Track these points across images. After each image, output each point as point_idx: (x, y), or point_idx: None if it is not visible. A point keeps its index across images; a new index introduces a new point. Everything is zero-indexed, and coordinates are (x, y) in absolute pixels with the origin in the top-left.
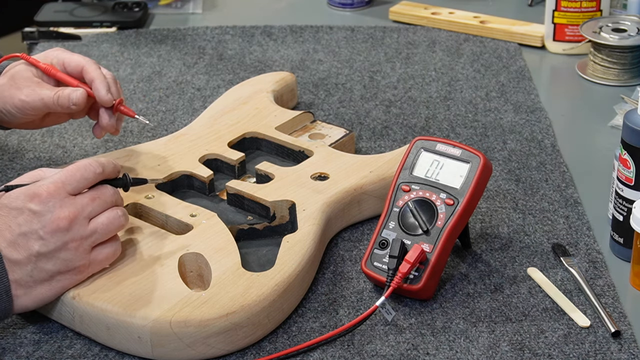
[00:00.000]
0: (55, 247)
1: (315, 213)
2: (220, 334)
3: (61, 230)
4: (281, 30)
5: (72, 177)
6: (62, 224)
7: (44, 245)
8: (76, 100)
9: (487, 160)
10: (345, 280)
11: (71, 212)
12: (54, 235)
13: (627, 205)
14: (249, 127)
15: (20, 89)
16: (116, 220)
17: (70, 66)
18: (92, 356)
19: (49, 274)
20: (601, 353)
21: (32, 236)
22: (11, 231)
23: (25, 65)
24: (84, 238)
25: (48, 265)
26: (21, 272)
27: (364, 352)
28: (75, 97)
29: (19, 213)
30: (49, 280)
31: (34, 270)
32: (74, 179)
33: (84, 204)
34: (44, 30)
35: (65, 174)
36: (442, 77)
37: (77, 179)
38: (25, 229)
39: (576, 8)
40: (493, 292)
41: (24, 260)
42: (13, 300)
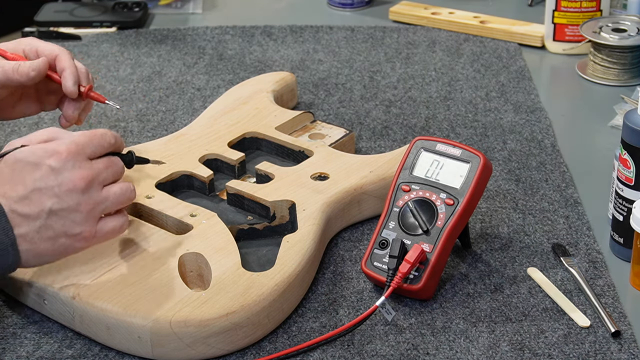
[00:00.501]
0: (68, 206)
1: (315, 213)
2: (220, 334)
3: (77, 191)
4: (281, 30)
5: (90, 141)
6: (79, 184)
7: (58, 202)
8: (36, 67)
9: (487, 160)
10: (345, 280)
11: (89, 174)
12: (69, 194)
13: (627, 205)
14: (249, 127)
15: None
16: (127, 192)
17: (44, 54)
18: (92, 356)
19: (56, 233)
20: (601, 353)
21: (46, 192)
22: (25, 185)
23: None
24: (97, 203)
25: (57, 224)
26: (28, 227)
27: (364, 352)
28: (36, 65)
29: (35, 168)
30: (54, 240)
31: (42, 227)
32: (92, 143)
33: (100, 169)
34: (44, 30)
35: (84, 137)
36: (442, 77)
37: (95, 144)
38: (41, 185)
39: (576, 8)
40: (493, 292)
41: (34, 215)
42: (20, 254)
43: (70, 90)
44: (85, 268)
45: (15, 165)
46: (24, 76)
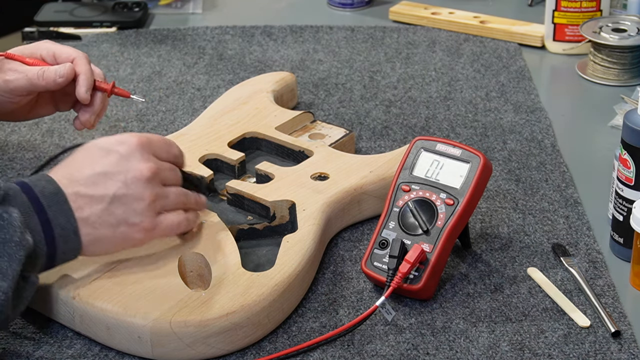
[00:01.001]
0: (133, 193)
1: (315, 213)
2: (220, 334)
3: (143, 180)
4: (281, 30)
5: (159, 142)
6: (145, 174)
7: (122, 188)
8: (63, 73)
9: (487, 160)
10: (345, 280)
11: (154, 167)
12: (135, 182)
13: (627, 205)
14: (249, 127)
15: (4, 71)
16: (182, 195)
17: (61, 58)
18: (92, 356)
19: (116, 219)
20: (601, 353)
21: (113, 177)
22: (93, 168)
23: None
24: (158, 196)
25: (119, 210)
26: (91, 210)
27: (364, 352)
28: (63, 70)
29: (106, 153)
30: (114, 227)
31: (103, 211)
32: (159, 144)
33: (165, 167)
34: (44, 30)
35: (155, 137)
36: (442, 77)
37: (161, 146)
38: (109, 169)
39: (576, 8)
40: (493, 292)
41: (97, 197)
42: (81, 238)
43: (82, 97)
44: (85, 268)
45: (88, 149)
46: (51, 82)
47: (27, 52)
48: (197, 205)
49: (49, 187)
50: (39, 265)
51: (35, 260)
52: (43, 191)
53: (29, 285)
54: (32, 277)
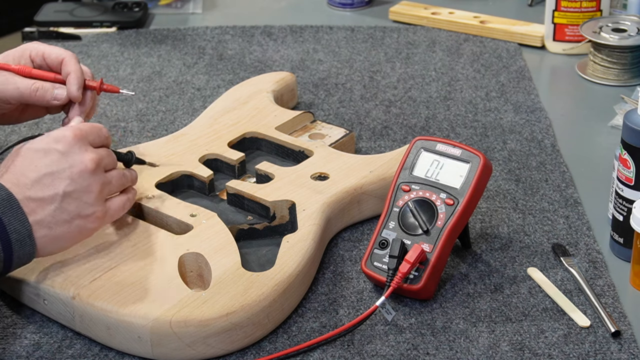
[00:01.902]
0: (81, 187)
1: (315, 213)
2: (220, 334)
3: (87, 172)
4: (281, 30)
5: (91, 130)
6: (89, 165)
7: (70, 185)
8: (60, 97)
9: (487, 160)
10: (345, 280)
11: (95, 157)
12: (81, 176)
13: (627, 205)
14: (249, 127)
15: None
16: (124, 178)
17: (50, 58)
18: (92, 356)
19: (70, 215)
20: (601, 353)
21: (59, 175)
22: (37, 170)
23: (1, 58)
24: (104, 184)
25: (71, 206)
26: (44, 212)
27: (364, 352)
28: (60, 95)
29: (45, 154)
30: (69, 223)
31: (56, 210)
32: (92, 132)
33: (103, 155)
34: (44, 30)
35: (85, 126)
36: (442, 77)
37: (94, 133)
38: (54, 169)
39: (576, 8)
40: (493, 292)
41: (48, 198)
42: (36, 242)
43: (74, 95)
44: (85, 268)
45: (25, 153)
46: (45, 102)
47: (17, 54)
48: (132, 181)
49: (1, 193)
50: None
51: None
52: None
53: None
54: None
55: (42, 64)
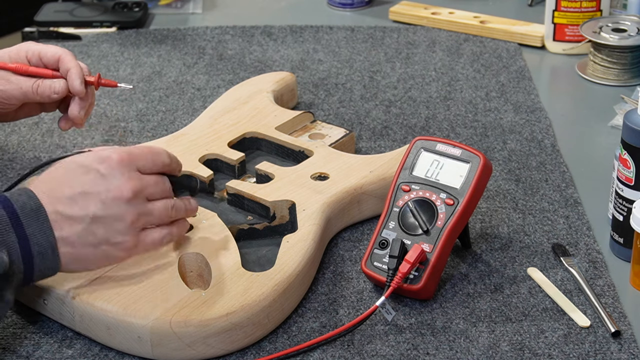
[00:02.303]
0: (113, 214)
1: (315, 213)
2: (220, 334)
3: (123, 200)
4: (281, 30)
5: (143, 155)
6: (125, 194)
7: (102, 209)
8: (58, 90)
9: (487, 160)
10: (345, 280)
11: (136, 185)
12: (115, 202)
13: (627, 205)
14: (249, 127)
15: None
16: (168, 209)
17: (46, 57)
18: (92, 356)
19: (97, 239)
20: (601, 353)
21: (93, 197)
22: (73, 187)
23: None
24: (141, 215)
25: (100, 230)
26: (71, 229)
27: (364, 352)
28: (58, 87)
29: (85, 171)
30: (95, 246)
31: (84, 231)
32: (145, 158)
33: (149, 183)
34: (44, 30)
35: (137, 150)
36: (442, 77)
37: (147, 159)
38: (88, 189)
39: (576, 8)
40: (493, 292)
41: (78, 218)
42: (60, 257)
43: (78, 89)
44: None
45: (67, 166)
46: (46, 98)
47: (13, 54)
48: (187, 213)
49: (30, 203)
50: (14, 283)
51: (11, 278)
52: (24, 207)
53: (4, 304)
54: (7, 296)
55: (39, 63)
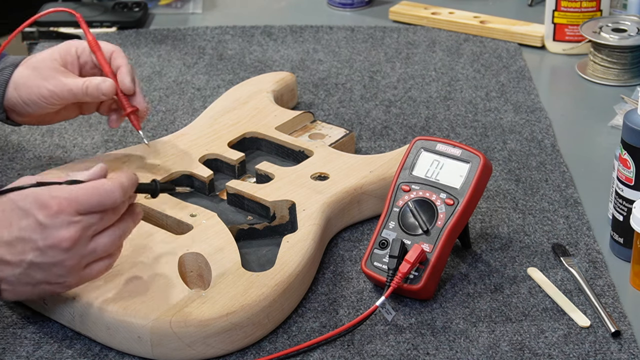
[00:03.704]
0: (51, 261)
1: (315, 213)
2: (220, 334)
3: (61, 249)
4: (281, 30)
5: (88, 200)
6: (64, 245)
7: (39, 256)
8: (106, 91)
9: (487, 160)
10: (345, 280)
11: (76, 233)
12: (52, 250)
13: (627, 205)
14: (249, 127)
15: (46, 79)
16: (117, 240)
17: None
18: (92, 356)
19: (36, 280)
20: (601, 353)
21: (29, 244)
22: (10, 231)
23: (48, 55)
24: (82, 257)
25: (38, 274)
26: (9, 272)
27: (364, 352)
28: (105, 88)
29: (24, 215)
30: (34, 285)
31: (22, 274)
32: (89, 203)
33: (92, 223)
34: (44, 30)
35: (83, 193)
36: (442, 77)
37: (92, 204)
38: (25, 235)
39: (576, 8)
40: (493, 292)
41: (15, 263)
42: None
43: (127, 87)
44: None
45: (6, 206)
46: (95, 98)
47: (62, 51)
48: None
49: None
50: None
51: None
52: None
53: None
54: None
55: (88, 59)
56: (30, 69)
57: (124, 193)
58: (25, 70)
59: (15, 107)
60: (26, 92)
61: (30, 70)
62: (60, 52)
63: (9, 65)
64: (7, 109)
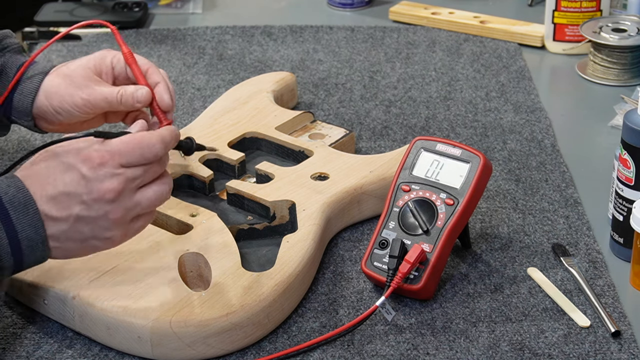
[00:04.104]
0: (97, 214)
1: (315, 213)
2: (220, 334)
3: (105, 201)
4: (281, 30)
5: (130, 152)
6: (108, 196)
7: (85, 209)
8: (141, 99)
9: (487, 160)
10: (345, 280)
11: (120, 184)
12: (98, 203)
13: (627, 205)
14: (249, 127)
15: (80, 87)
16: (162, 196)
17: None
18: (92, 356)
19: (84, 236)
20: (601, 353)
21: (75, 198)
22: (55, 187)
23: (81, 63)
24: (127, 210)
25: (85, 228)
26: (56, 228)
27: (364, 352)
28: (141, 95)
29: (67, 170)
30: (82, 241)
31: (69, 229)
32: (132, 155)
33: (136, 175)
34: (44, 30)
35: (124, 146)
36: (442, 77)
37: (134, 157)
38: (70, 189)
39: (576, 8)
40: (493, 292)
41: (62, 218)
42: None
43: (166, 104)
44: (85, 268)
45: (50, 161)
46: (129, 107)
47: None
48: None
49: (19, 195)
50: (4, 276)
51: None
52: (12, 200)
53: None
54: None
55: (122, 71)
56: (63, 77)
57: (165, 146)
58: (57, 78)
59: (46, 115)
60: (58, 100)
61: (62, 79)
62: (95, 61)
63: (39, 73)
64: (35, 116)
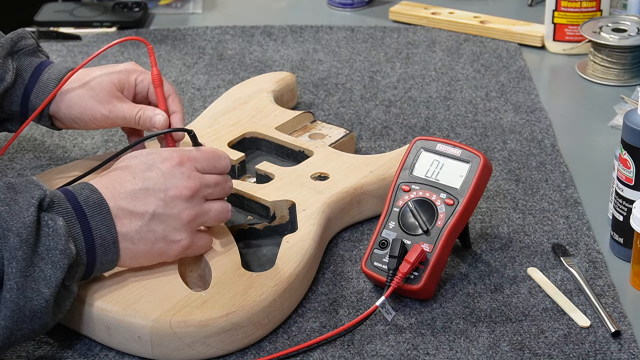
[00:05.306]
0: (172, 212)
1: (315, 213)
2: (220, 334)
3: (182, 199)
4: (281, 30)
5: (206, 159)
6: (185, 193)
7: (162, 206)
8: (158, 125)
9: (487, 160)
10: (345, 280)
11: (196, 185)
12: (174, 201)
13: (627, 205)
14: (249, 127)
15: (102, 103)
16: (226, 212)
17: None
18: (92, 356)
19: (155, 236)
20: (601, 353)
21: (153, 194)
22: (135, 183)
23: (105, 77)
24: (198, 214)
25: (159, 227)
26: (131, 225)
27: (364, 352)
28: (158, 122)
29: (147, 168)
30: (152, 243)
31: (143, 227)
32: (207, 163)
33: (208, 183)
34: (44, 30)
35: (201, 154)
36: (442, 77)
37: (209, 165)
38: (150, 185)
39: (576, 8)
40: (493, 292)
41: (138, 214)
42: (120, 251)
43: (179, 135)
44: None
45: (131, 161)
46: (145, 128)
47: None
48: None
49: (93, 196)
50: (78, 274)
51: (76, 269)
52: (87, 200)
53: (69, 295)
54: (72, 287)
55: (143, 91)
56: (87, 88)
57: (230, 162)
58: (81, 89)
59: (63, 121)
60: (79, 111)
61: (86, 90)
62: (119, 76)
63: (54, 78)
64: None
